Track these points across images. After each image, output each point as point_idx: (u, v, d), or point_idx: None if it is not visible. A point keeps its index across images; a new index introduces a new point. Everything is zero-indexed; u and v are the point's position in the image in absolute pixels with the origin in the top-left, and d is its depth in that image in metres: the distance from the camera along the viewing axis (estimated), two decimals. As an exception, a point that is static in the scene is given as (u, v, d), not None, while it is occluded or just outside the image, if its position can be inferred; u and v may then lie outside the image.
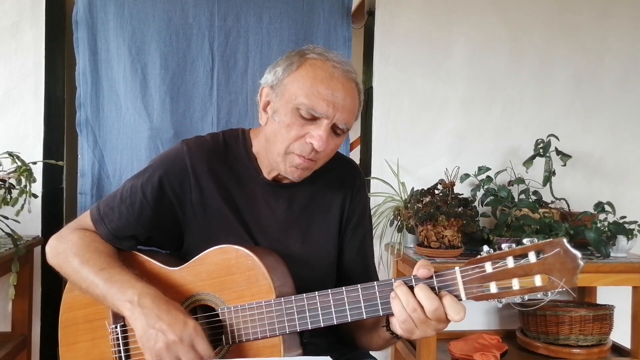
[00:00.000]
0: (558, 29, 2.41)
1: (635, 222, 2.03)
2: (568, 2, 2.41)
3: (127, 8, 2.01)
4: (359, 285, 1.03)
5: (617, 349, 2.12)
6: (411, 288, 0.99)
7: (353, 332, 1.28)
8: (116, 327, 1.15)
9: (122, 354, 1.15)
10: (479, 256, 0.97)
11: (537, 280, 0.92)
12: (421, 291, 0.97)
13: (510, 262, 0.94)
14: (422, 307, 0.96)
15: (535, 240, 0.93)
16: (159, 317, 1.03)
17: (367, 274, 1.33)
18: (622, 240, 2.02)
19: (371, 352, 1.37)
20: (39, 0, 2.04)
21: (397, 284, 1.00)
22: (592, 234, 1.96)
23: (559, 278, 0.90)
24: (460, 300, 0.97)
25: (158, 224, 1.23)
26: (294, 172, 1.18)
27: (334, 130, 1.16)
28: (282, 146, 1.15)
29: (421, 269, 1.00)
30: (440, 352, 2.02)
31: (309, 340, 1.18)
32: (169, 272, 1.17)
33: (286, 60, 1.18)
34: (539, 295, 0.93)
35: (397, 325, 1.01)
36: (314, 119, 1.13)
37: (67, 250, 1.17)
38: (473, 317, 2.39)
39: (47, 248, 1.21)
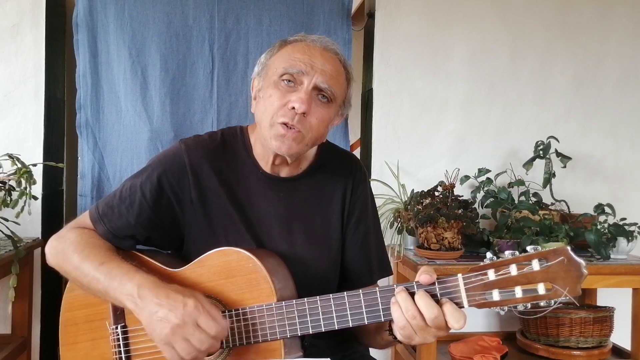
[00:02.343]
0: (558, 30, 2.42)
1: (635, 223, 2.03)
2: (568, 3, 2.42)
3: (127, 10, 2.01)
4: (360, 290, 1.03)
5: (617, 350, 2.12)
6: (413, 294, 0.98)
7: (356, 332, 1.28)
8: (117, 328, 1.15)
9: (123, 355, 1.15)
10: (481, 263, 0.97)
11: (540, 289, 0.91)
12: (421, 299, 0.97)
13: (513, 270, 0.93)
14: (421, 314, 0.96)
15: (539, 247, 0.92)
16: (159, 305, 1.02)
17: (370, 268, 1.32)
18: (622, 242, 2.02)
19: (372, 353, 1.38)
20: (39, 3, 2.04)
21: (398, 290, 0.99)
22: (592, 235, 1.96)
23: (563, 287, 0.89)
24: (462, 307, 0.97)
25: (157, 223, 1.22)
26: (281, 145, 1.16)
27: (318, 94, 1.17)
28: (268, 118, 1.16)
29: (423, 274, 0.99)
30: (441, 354, 2.02)
31: (309, 342, 1.18)
32: (169, 274, 1.17)
33: (270, 49, 1.24)
34: (542, 303, 0.92)
35: (397, 331, 1.01)
36: (294, 84, 1.15)
37: (67, 248, 1.17)
38: (473, 319, 2.39)
39: (47, 248, 1.20)
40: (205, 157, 1.24)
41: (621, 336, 2.09)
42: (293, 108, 1.13)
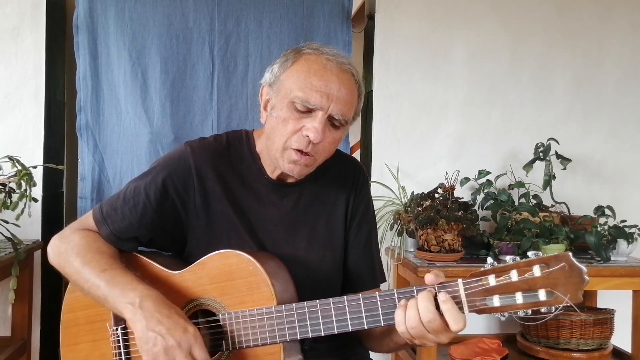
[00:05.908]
0: (558, 32, 2.41)
1: (635, 225, 2.03)
2: (568, 6, 2.42)
3: (128, 12, 2.01)
4: (360, 294, 1.03)
5: (617, 353, 2.12)
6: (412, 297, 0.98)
7: (362, 336, 1.28)
8: (117, 329, 1.15)
9: (123, 356, 1.15)
10: (482, 269, 0.96)
11: (541, 295, 0.90)
12: (421, 301, 0.97)
13: (514, 276, 0.92)
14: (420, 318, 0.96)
15: (540, 253, 0.91)
16: (160, 321, 1.02)
17: (373, 271, 1.33)
18: (622, 244, 2.02)
19: (373, 357, 1.38)
20: (40, 4, 2.04)
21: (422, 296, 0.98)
22: (592, 237, 1.96)
23: (564, 293, 0.88)
24: (462, 313, 0.96)
25: (161, 226, 1.22)
26: (293, 168, 1.18)
27: (332, 122, 1.16)
28: (281, 141, 1.16)
29: (429, 275, 1.00)
30: (441, 356, 2.02)
31: (310, 345, 1.18)
32: (170, 276, 1.17)
33: (282, 57, 1.20)
34: (543, 310, 0.91)
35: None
36: (309, 111, 1.14)
37: (69, 251, 1.17)
38: (473, 321, 2.37)
39: (49, 248, 1.20)
40: (210, 161, 1.24)
41: (621, 338, 2.09)
42: (308, 136, 1.13)
